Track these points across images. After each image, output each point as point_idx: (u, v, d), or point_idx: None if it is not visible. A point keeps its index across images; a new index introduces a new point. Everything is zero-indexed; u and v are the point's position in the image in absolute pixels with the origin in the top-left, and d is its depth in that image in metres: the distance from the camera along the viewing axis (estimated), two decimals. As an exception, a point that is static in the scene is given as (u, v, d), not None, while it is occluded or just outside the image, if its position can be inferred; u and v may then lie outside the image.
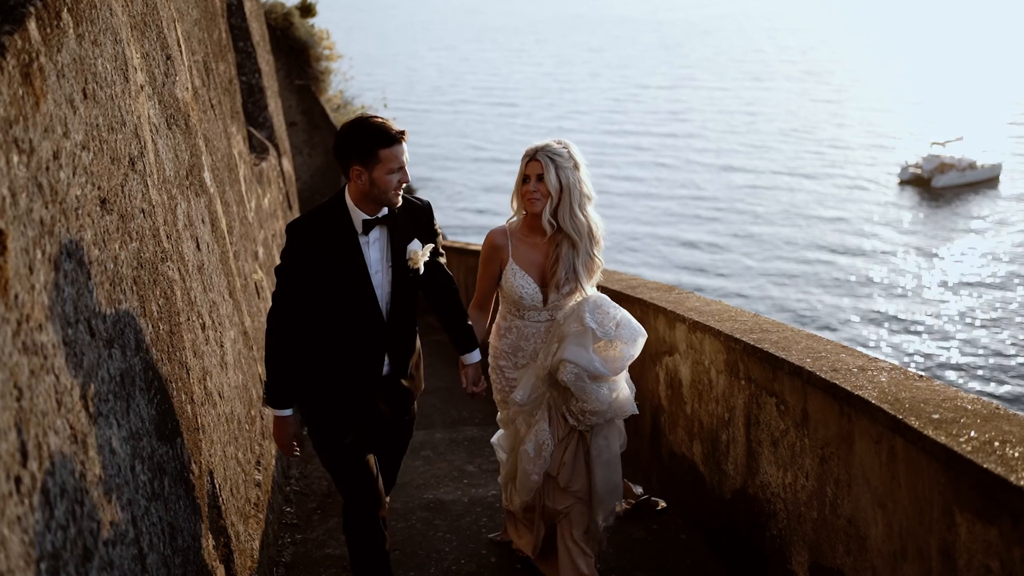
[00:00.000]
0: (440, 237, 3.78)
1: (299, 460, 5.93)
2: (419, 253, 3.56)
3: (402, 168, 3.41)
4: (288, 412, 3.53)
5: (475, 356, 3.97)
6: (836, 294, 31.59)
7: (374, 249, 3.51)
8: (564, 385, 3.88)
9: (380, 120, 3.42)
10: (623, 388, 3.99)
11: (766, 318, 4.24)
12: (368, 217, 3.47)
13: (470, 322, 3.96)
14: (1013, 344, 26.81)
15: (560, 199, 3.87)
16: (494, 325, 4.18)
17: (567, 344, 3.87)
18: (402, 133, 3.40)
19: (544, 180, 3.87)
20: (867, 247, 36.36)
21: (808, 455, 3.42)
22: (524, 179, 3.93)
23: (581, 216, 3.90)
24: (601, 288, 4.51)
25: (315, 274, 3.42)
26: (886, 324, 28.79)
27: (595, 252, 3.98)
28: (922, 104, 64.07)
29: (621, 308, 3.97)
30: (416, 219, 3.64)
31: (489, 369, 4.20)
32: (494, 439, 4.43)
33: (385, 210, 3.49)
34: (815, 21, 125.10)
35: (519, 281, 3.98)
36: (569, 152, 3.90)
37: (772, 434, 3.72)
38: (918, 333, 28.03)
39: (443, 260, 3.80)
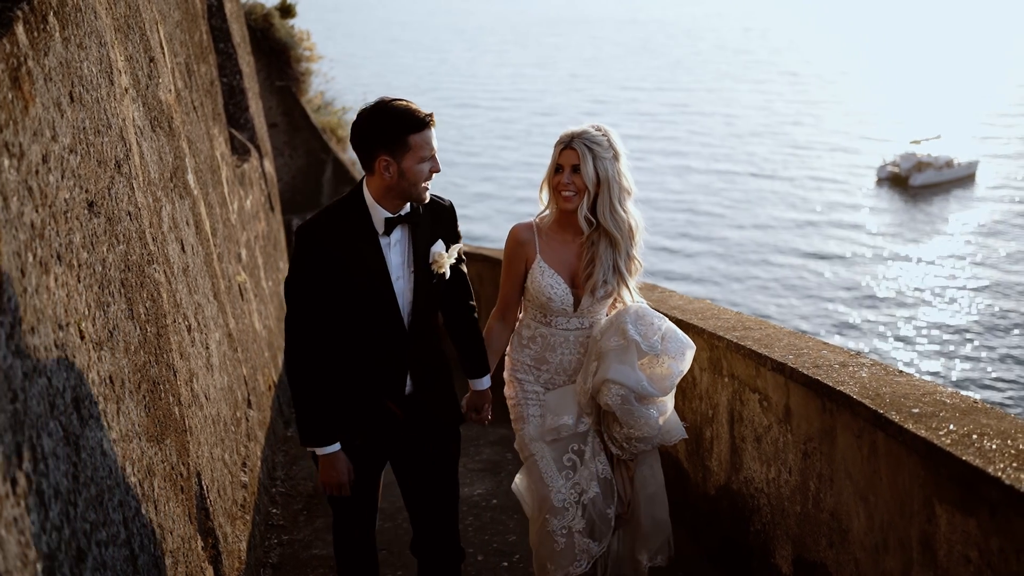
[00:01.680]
0: (462, 243, 3.36)
1: (284, 461, 5.94)
2: (444, 255, 3.16)
3: (433, 156, 3.05)
4: (337, 447, 3.14)
5: (485, 382, 3.50)
6: (814, 299, 31.52)
7: (395, 252, 3.12)
8: (608, 410, 3.49)
9: (405, 103, 3.03)
10: (671, 410, 3.61)
11: (748, 316, 4.28)
12: (391, 215, 3.08)
13: (485, 339, 3.51)
14: (988, 348, 26.89)
15: (598, 193, 3.43)
16: (513, 335, 3.72)
17: (609, 362, 3.44)
18: (431, 116, 3.03)
19: (580, 171, 3.41)
20: (845, 251, 36.33)
21: (791, 450, 3.47)
22: (556, 169, 3.48)
23: (622, 212, 3.46)
24: None
25: (330, 282, 3.05)
26: (864, 331, 28.77)
27: (635, 252, 3.55)
28: (897, 104, 64.51)
29: (665, 318, 3.57)
30: (439, 218, 3.23)
31: (505, 387, 3.71)
32: (515, 485, 3.80)
33: (407, 207, 3.12)
34: (788, 22, 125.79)
35: (548, 281, 3.50)
36: (609, 140, 3.45)
37: (755, 430, 3.76)
38: (895, 339, 28.04)
39: (465, 269, 3.39)
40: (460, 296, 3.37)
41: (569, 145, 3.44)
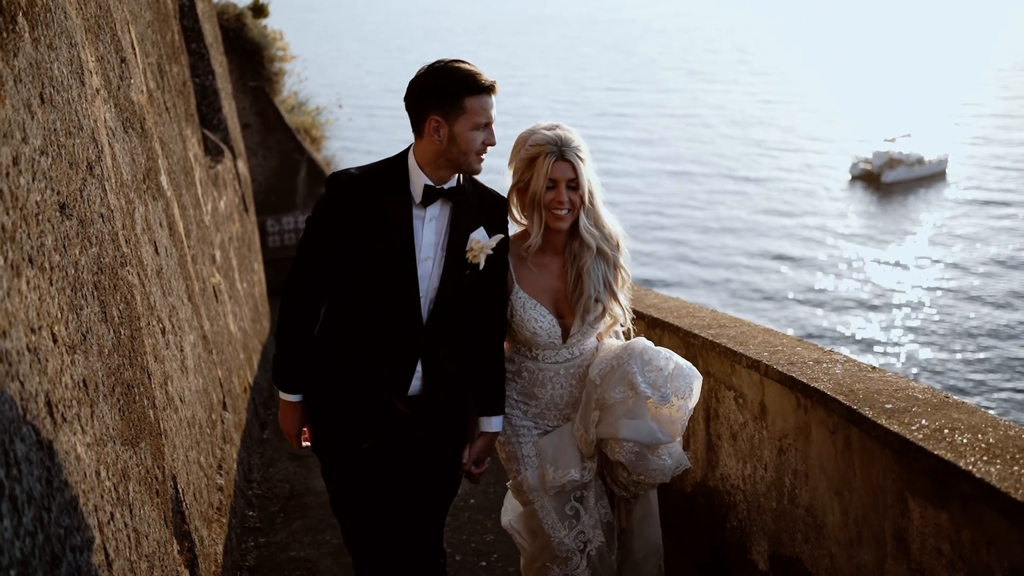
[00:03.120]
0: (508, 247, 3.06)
1: (260, 464, 5.90)
2: (483, 244, 2.86)
3: (489, 125, 2.80)
4: (299, 397, 3.01)
5: (497, 423, 3.15)
6: (787, 302, 31.44)
7: (429, 229, 2.83)
8: (617, 461, 3.20)
9: (468, 65, 2.82)
10: (679, 446, 3.31)
11: (723, 314, 4.31)
12: (432, 184, 2.81)
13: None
14: (960, 351, 26.92)
15: (585, 204, 3.12)
16: None
17: (616, 419, 3.10)
18: (493, 83, 2.81)
19: (578, 187, 3.06)
20: (817, 252, 36.23)
21: (767, 447, 3.49)
22: (549, 185, 3.06)
23: (605, 221, 3.17)
24: None
25: (348, 243, 2.80)
26: (836, 335, 28.71)
27: (622, 262, 3.22)
28: (866, 102, 65.02)
29: (669, 353, 3.20)
30: (486, 207, 2.95)
31: None
32: (505, 521, 3.51)
33: (454, 181, 2.84)
34: (758, 22, 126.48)
35: (531, 314, 3.12)
36: (582, 143, 3.14)
37: (731, 427, 3.78)
38: (868, 346, 28.01)
39: (504, 276, 3.06)
40: (489, 308, 3.03)
41: (562, 157, 3.05)
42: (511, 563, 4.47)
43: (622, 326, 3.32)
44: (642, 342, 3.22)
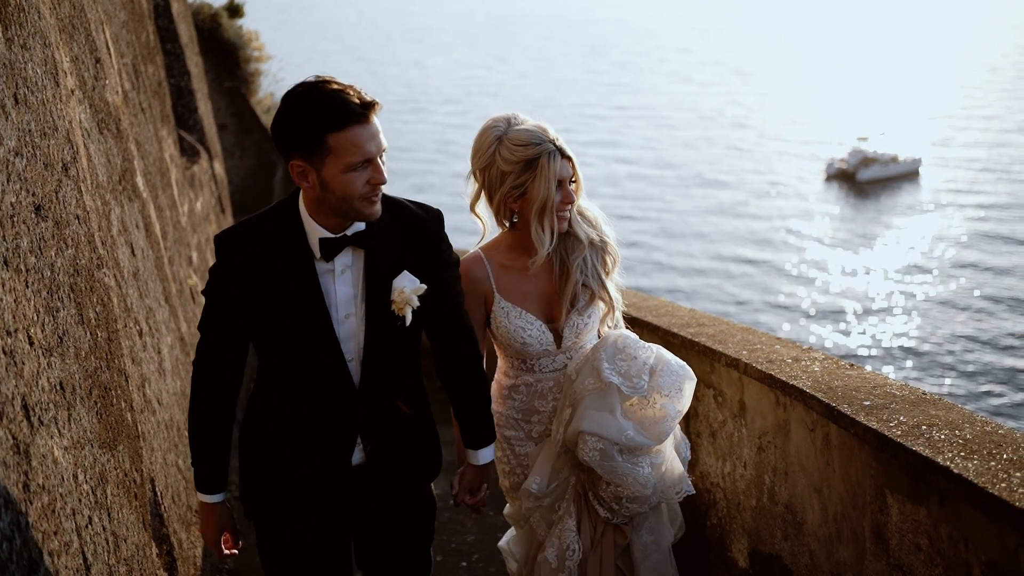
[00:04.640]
0: (455, 268, 2.57)
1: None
2: (407, 294, 2.37)
3: (371, 161, 2.23)
4: (218, 498, 2.56)
5: (486, 455, 2.79)
6: (767, 312, 31.39)
7: (343, 282, 2.36)
8: (588, 466, 2.87)
9: (336, 87, 2.24)
10: (671, 459, 2.98)
11: (702, 312, 4.32)
12: (330, 235, 2.33)
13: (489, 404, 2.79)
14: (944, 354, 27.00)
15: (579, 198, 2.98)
16: (493, 384, 3.06)
17: (583, 409, 2.82)
18: (369, 106, 2.23)
19: (577, 181, 2.90)
20: (796, 255, 36.21)
21: (746, 445, 3.51)
22: (559, 184, 2.84)
23: (584, 206, 2.99)
24: None
25: (253, 314, 2.37)
26: (818, 336, 28.69)
27: (606, 237, 2.99)
28: (841, 103, 65.48)
29: (653, 346, 2.95)
30: (412, 238, 2.44)
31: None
32: (503, 542, 3.32)
33: (361, 224, 2.36)
34: (735, 23, 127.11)
35: (517, 323, 2.90)
36: None
37: (711, 426, 3.80)
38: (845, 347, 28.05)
39: (457, 303, 2.60)
40: (448, 338, 2.60)
41: (565, 153, 2.86)
42: (492, 563, 4.47)
43: (616, 313, 3.08)
44: (619, 332, 3.01)
